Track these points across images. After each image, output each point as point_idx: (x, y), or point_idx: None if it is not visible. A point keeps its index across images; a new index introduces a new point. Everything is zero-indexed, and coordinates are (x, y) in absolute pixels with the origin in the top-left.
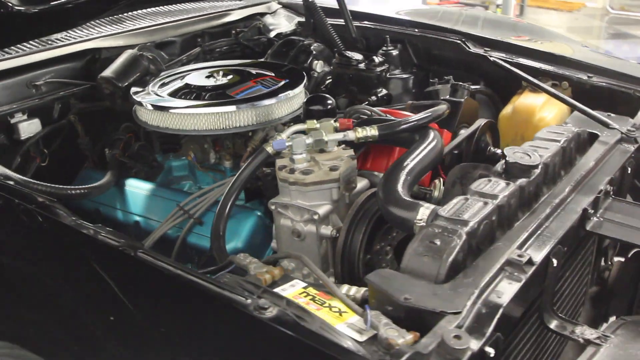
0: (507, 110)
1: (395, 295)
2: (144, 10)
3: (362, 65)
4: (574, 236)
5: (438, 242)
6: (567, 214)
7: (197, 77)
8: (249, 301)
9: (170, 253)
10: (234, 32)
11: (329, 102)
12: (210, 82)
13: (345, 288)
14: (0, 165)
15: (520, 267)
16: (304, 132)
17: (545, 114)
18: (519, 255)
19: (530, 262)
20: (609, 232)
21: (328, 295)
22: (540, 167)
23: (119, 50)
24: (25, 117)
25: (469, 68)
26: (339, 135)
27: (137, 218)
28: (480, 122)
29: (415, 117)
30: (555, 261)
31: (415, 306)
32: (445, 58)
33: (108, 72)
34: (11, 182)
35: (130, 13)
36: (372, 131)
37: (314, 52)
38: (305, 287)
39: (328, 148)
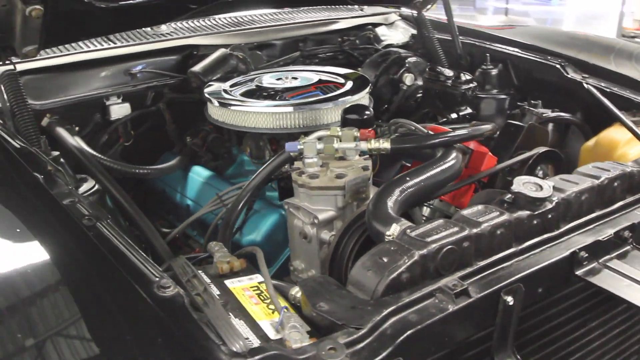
0: (590, 142)
1: (311, 302)
2: (248, 12)
3: (449, 82)
4: (554, 279)
5: (385, 259)
6: (553, 253)
7: (269, 79)
8: (156, 279)
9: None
10: (339, 39)
11: (367, 112)
12: (278, 84)
13: (295, 289)
14: (80, 139)
15: (451, 297)
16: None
17: (629, 150)
18: (454, 285)
19: (465, 293)
20: (598, 281)
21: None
22: (554, 201)
23: (217, 48)
24: (119, 100)
25: (566, 94)
26: (351, 145)
27: (189, 202)
28: (538, 150)
29: (440, 135)
30: (510, 299)
31: (323, 315)
32: (545, 82)
33: (197, 67)
34: (81, 155)
35: (232, 14)
36: (384, 144)
37: (407, 65)
38: (260, 282)
39: (348, 156)
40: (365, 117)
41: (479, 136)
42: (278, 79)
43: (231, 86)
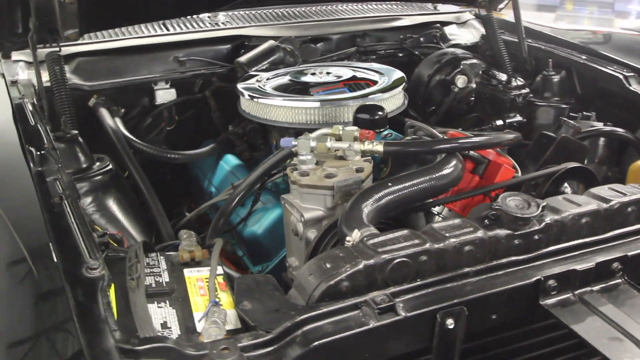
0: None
1: (237, 300)
2: (306, 4)
3: (500, 86)
4: (514, 306)
5: (328, 265)
6: (516, 278)
7: (303, 73)
8: (91, 262)
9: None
10: (402, 37)
11: (379, 112)
12: (311, 79)
13: None
14: (120, 121)
15: (374, 312)
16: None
17: None
18: (381, 299)
19: (392, 309)
20: (562, 316)
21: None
22: (544, 221)
23: (268, 39)
24: (167, 86)
25: (627, 108)
26: (345, 145)
27: (213, 189)
28: (566, 165)
29: (439, 141)
30: (450, 322)
31: (241, 314)
32: (608, 93)
33: (244, 57)
34: (113, 135)
35: (289, 6)
36: (377, 146)
37: (461, 67)
38: (218, 274)
39: (348, 157)
40: (377, 117)
41: (488, 146)
42: (312, 74)
43: (268, 79)
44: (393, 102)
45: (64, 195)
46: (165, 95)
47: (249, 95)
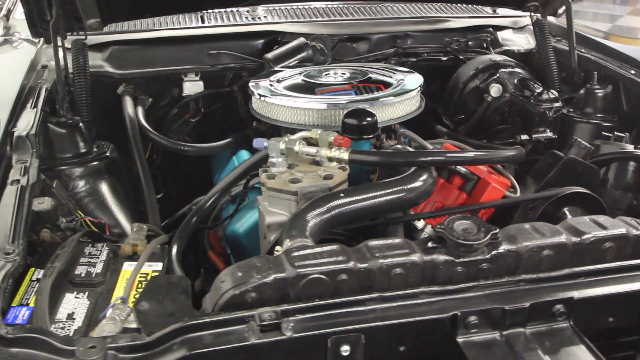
0: None
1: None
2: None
3: (532, 99)
4: (426, 340)
5: (240, 274)
6: (431, 309)
7: (316, 73)
8: (7, 247)
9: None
10: (447, 40)
11: (367, 118)
12: (324, 80)
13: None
14: (142, 110)
15: (255, 328)
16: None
17: None
18: (269, 316)
19: (276, 327)
20: (475, 357)
21: None
22: (496, 251)
23: (301, 36)
24: (197, 78)
25: None
26: (312, 150)
27: None
28: (565, 190)
29: (409, 153)
30: (346, 349)
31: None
32: None
33: (272, 53)
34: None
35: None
36: (343, 154)
37: (497, 75)
38: (155, 271)
39: (324, 162)
40: (365, 123)
41: (466, 162)
42: (327, 74)
43: (282, 78)
44: (403, 107)
45: (17, 180)
46: (192, 87)
47: (258, 94)
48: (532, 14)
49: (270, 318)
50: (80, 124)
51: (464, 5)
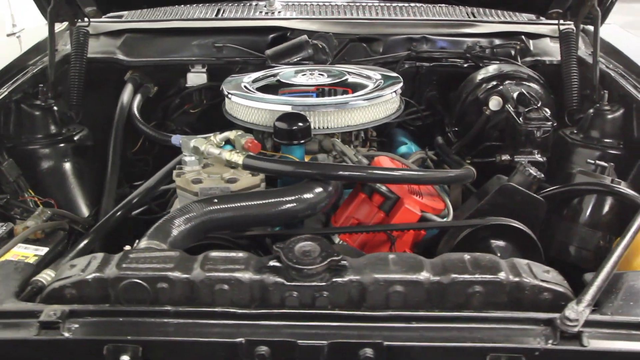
0: None
1: None
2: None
3: (521, 116)
4: None
5: (70, 268)
6: (224, 333)
7: (291, 74)
8: None
9: None
10: (469, 45)
11: (299, 123)
12: (296, 80)
13: None
14: (139, 98)
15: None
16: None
17: None
18: (52, 313)
19: (55, 327)
20: None
21: None
22: (335, 278)
23: (310, 33)
24: (203, 70)
25: None
26: (216, 151)
27: None
28: (489, 220)
29: (302, 164)
30: (126, 358)
31: None
32: None
33: (272, 49)
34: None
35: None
36: (238, 158)
37: (500, 87)
38: (36, 255)
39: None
40: (295, 128)
41: (386, 181)
42: (302, 75)
43: (257, 78)
44: (371, 111)
45: None
46: (195, 78)
47: (226, 92)
48: (561, 21)
49: (49, 316)
50: (55, 107)
51: (495, 9)
